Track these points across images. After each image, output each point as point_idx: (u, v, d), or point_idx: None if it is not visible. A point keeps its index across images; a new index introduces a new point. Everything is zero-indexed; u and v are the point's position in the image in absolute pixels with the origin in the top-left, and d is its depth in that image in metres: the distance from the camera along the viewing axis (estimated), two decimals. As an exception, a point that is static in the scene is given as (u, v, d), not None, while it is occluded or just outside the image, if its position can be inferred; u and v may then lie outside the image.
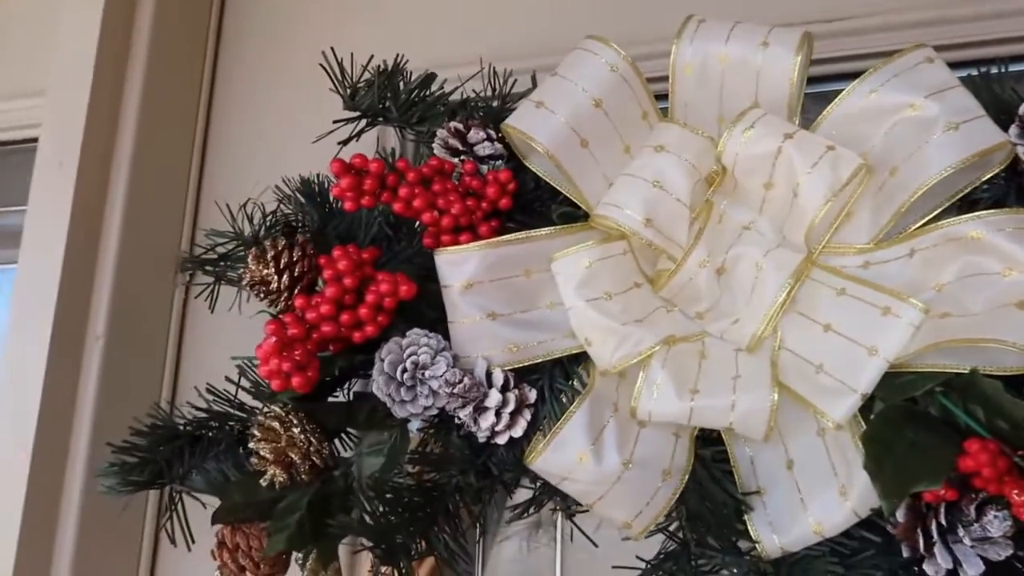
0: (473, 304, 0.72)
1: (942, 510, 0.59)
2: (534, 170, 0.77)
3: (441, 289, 0.74)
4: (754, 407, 0.66)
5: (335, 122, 0.85)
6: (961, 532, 0.58)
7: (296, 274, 0.74)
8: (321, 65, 0.83)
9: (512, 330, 0.72)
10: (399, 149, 1.04)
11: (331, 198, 0.91)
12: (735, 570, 0.67)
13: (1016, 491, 0.55)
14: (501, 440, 0.71)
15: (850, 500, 0.63)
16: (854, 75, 0.90)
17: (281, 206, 0.88)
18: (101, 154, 0.98)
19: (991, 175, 0.67)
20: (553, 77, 0.75)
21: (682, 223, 0.72)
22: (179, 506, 0.79)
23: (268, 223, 0.87)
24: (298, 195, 0.90)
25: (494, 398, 0.70)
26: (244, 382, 0.80)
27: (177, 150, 1.10)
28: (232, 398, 0.80)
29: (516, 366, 0.72)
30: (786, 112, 0.73)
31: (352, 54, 0.85)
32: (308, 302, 0.71)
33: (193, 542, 0.79)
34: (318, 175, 0.92)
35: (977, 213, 0.63)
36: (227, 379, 0.80)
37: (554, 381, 0.73)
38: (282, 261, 0.74)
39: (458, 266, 0.72)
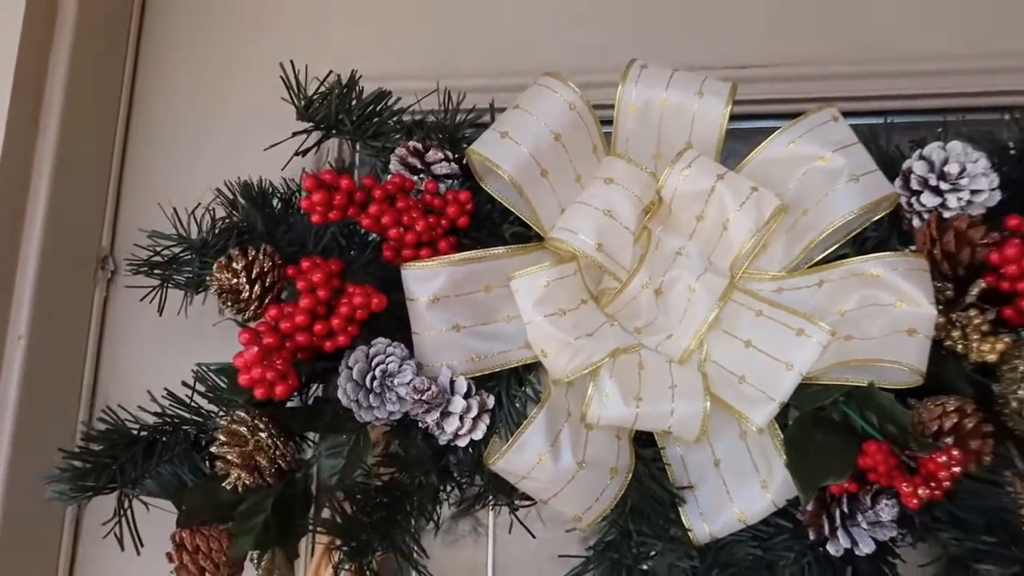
0: (439, 317, 0.77)
1: (844, 500, 0.71)
2: (490, 192, 0.83)
3: (407, 302, 0.78)
4: (690, 412, 0.76)
5: (294, 133, 0.87)
6: (859, 518, 0.71)
7: (267, 284, 0.76)
8: (281, 77, 0.85)
9: (474, 341, 0.78)
10: (339, 158, 1.07)
11: (274, 203, 0.93)
12: (669, 554, 0.76)
13: (904, 484, 0.67)
14: (462, 443, 0.77)
15: (770, 492, 0.74)
16: (757, 116, 1.05)
17: (234, 213, 0.88)
18: (23, 146, 0.94)
19: (877, 218, 0.81)
20: (516, 110, 0.81)
21: (627, 248, 0.80)
22: (129, 511, 0.79)
23: (217, 228, 0.88)
24: (241, 199, 0.91)
25: (459, 404, 0.76)
26: (198, 387, 0.81)
27: (101, 145, 1.07)
28: (189, 402, 0.81)
29: (476, 374, 0.78)
30: (714, 153, 0.83)
31: (307, 66, 0.87)
32: (281, 312, 0.74)
33: (142, 546, 0.79)
34: (260, 179, 0.93)
35: (876, 255, 0.76)
36: (183, 384, 0.80)
37: (510, 387, 0.79)
38: (254, 271, 0.76)
39: (426, 281, 0.77)
